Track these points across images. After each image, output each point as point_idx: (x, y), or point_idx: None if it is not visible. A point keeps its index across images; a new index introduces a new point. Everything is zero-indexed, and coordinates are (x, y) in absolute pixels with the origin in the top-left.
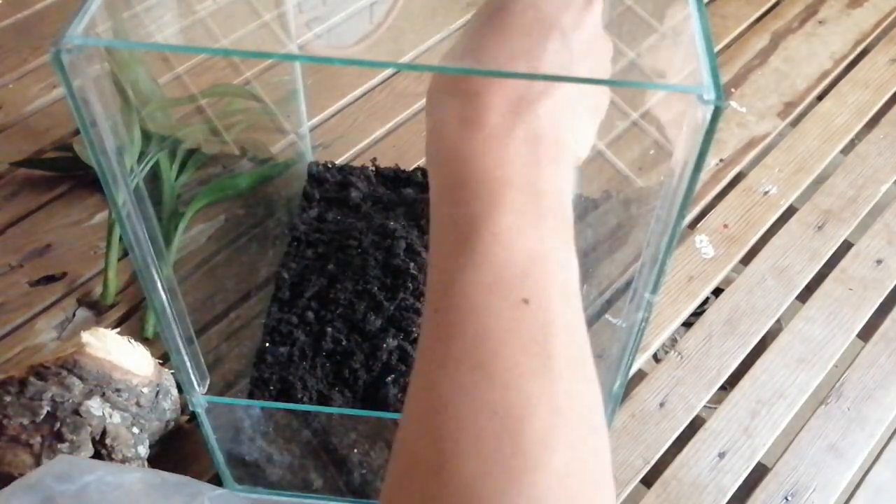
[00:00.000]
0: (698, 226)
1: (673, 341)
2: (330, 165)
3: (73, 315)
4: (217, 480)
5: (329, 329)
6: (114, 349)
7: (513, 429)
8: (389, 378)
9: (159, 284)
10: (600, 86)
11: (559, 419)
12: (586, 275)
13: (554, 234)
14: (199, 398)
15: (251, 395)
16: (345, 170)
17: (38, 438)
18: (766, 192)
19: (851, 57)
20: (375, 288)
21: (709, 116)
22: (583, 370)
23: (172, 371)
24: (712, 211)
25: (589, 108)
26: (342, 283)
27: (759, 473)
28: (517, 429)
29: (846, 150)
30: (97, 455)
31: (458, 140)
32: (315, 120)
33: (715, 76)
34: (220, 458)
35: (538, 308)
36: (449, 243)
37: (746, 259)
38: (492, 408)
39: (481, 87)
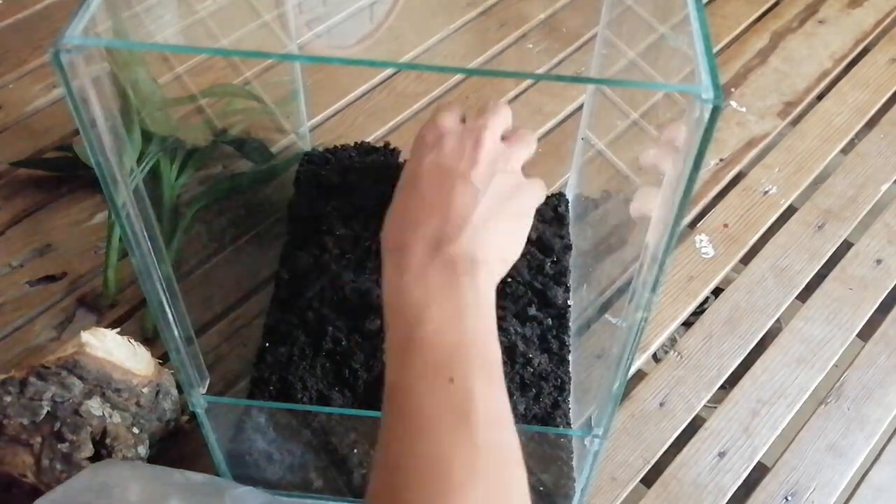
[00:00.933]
0: (698, 225)
1: (673, 341)
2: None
3: (73, 315)
4: None
5: (329, 329)
6: (114, 349)
7: (443, 470)
8: None
9: (159, 284)
10: (524, 196)
11: (477, 459)
12: (586, 275)
13: (474, 327)
14: (199, 398)
15: (251, 395)
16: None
17: (39, 438)
18: (765, 192)
19: (851, 56)
20: (376, 287)
21: (707, 116)
22: (499, 422)
23: (172, 371)
24: (712, 210)
25: (511, 217)
26: (343, 282)
27: (759, 473)
28: (446, 470)
29: (846, 150)
30: (97, 455)
31: (395, 286)
32: (315, 120)
33: (714, 76)
34: (220, 458)
35: (461, 383)
36: (394, 351)
37: (746, 259)
38: (427, 457)
39: (406, 241)
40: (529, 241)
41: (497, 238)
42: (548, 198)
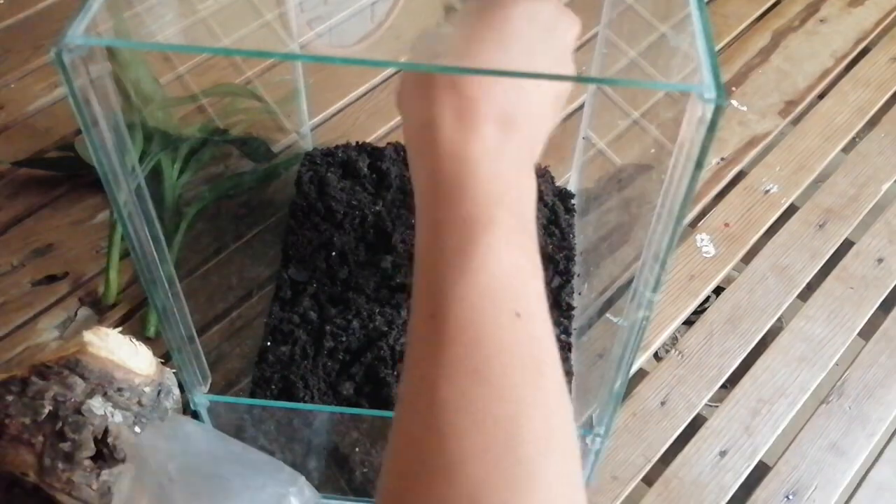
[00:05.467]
0: (699, 224)
1: (674, 340)
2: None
3: (75, 314)
4: None
5: (330, 328)
6: (116, 348)
7: (513, 436)
8: (392, 377)
9: (161, 283)
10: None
11: (551, 427)
12: (587, 273)
13: (529, 245)
14: (201, 397)
15: (253, 395)
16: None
17: (40, 438)
18: (767, 191)
19: (852, 55)
20: (377, 286)
21: (709, 114)
22: (562, 378)
23: (174, 370)
24: (713, 210)
25: (557, 106)
26: (344, 281)
27: (760, 472)
28: (517, 437)
29: (847, 149)
30: (98, 454)
31: (457, 142)
32: (316, 119)
33: (716, 74)
34: None
35: (528, 321)
36: (445, 249)
37: (747, 258)
38: (493, 415)
39: (478, 93)
40: None
41: (548, 127)
42: (553, 195)
